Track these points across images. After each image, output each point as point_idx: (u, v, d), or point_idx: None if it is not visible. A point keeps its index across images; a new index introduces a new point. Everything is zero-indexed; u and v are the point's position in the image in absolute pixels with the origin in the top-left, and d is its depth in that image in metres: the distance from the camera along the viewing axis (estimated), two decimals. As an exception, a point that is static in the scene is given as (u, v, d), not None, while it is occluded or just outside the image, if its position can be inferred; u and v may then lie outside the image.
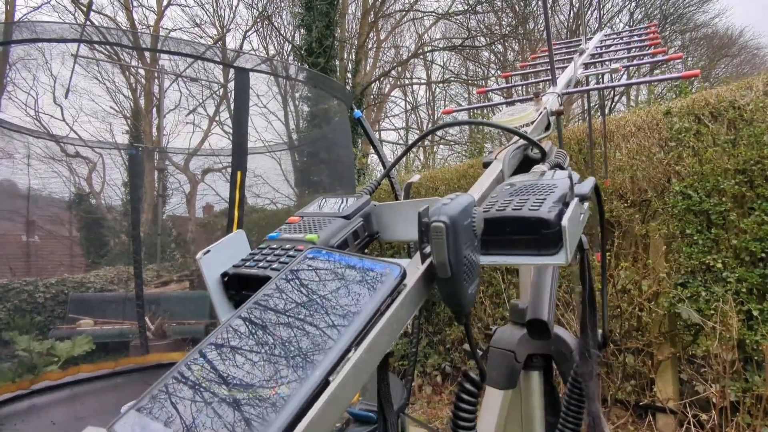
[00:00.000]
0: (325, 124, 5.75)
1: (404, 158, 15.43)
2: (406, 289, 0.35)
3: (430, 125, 16.12)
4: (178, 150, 7.84)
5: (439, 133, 16.11)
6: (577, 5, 12.61)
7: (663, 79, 0.86)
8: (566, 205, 0.40)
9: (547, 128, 0.75)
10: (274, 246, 0.46)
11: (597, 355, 0.54)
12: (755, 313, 2.59)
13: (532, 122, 0.70)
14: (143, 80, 10.29)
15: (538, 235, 0.38)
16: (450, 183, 4.56)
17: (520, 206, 0.40)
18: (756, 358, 2.60)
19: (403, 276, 0.35)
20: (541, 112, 0.73)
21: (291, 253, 0.44)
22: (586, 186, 0.42)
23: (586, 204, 0.43)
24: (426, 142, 15.82)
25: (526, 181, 0.47)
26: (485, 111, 11.28)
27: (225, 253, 0.45)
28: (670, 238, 3.03)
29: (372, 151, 11.92)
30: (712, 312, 2.71)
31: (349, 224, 0.51)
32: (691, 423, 2.84)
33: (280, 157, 6.58)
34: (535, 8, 13.40)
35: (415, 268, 0.40)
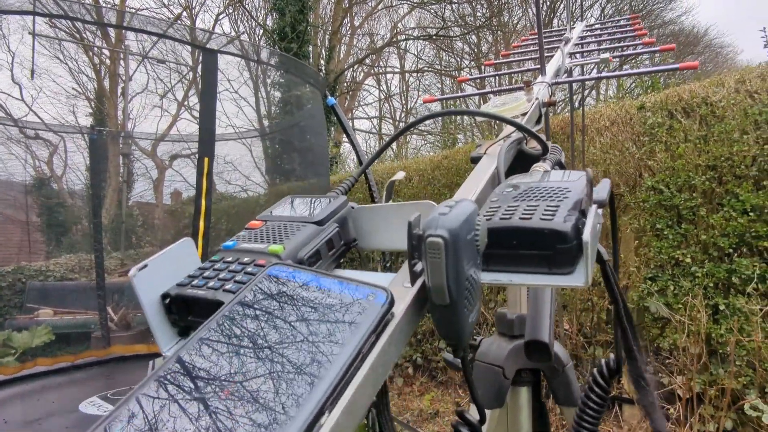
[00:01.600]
0: (298, 111, 5.61)
1: (377, 147, 15.31)
2: (394, 320, 0.28)
3: (403, 115, 16.04)
4: (144, 135, 7.53)
5: (411, 120, 16.02)
6: (551, -2, 12.65)
7: (659, 70, 0.82)
8: (583, 213, 0.33)
9: (539, 120, 0.69)
10: (230, 259, 0.38)
11: (653, 380, 0.47)
12: (721, 307, 2.63)
13: (525, 113, 0.63)
14: (108, 60, 9.85)
15: (552, 250, 0.31)
16: (424, 174, 4.51)
17: (529, 215, 0.33)
18: (721, 351, 2.65)
19: (391, 303, 0.28)
20: (533, 103, 0.67)
21: (249, 269, 0.36)
22: (604, 190, 0.35)
23: (601, 213, 0.36)
24: (399, 132, 15.71)
25: (531, 182, 0.40)
26: (466, 101, 11.27)
27: (168, 268, 0.37)
28: (640, 233, 3.06)
29: (345, 140, 11.79)
30: (680, 306, 2.75)
31: (322, 231, 0.42)
32: (657, 414, 2.88)
33: (251, 144, 6.41)
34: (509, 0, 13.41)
35: (401, 285, 0.33)
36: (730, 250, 2.65)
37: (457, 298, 0.28)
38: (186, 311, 0.35)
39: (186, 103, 10.36)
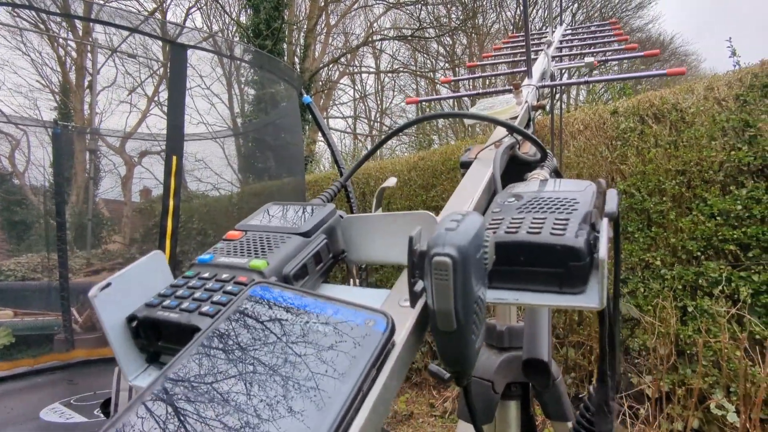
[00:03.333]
0: (272, 109, 5.52)
1: (352, 147, 15.26)
2: (396, 349, 0.25)
3: (378, 115, 16.02)
4: (112, 131, 7.29)
5: (387, 122, 16.06)
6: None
7: (648, 75, 0.82)
8: (593, 227, 0.31)
9: (528, 124, 0.67)
10: (206, 275, 0.34)
11: (616, 409, 0.46)
12: (690, 309, 2.70)
13: (516, 117, 0.61)
14: (74, 53, 9.51)
15: (564, 268, 0.29)
16: (400, 174, 4.49)
17: (537, 229, 0.30)
18: (689, 352, 2.71)
19: (392, 331, 0.25)
20: (523, 106, 0.65)
21: (229, 288, 0.32)
22: (613, 202, 0.33)
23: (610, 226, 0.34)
24: (374, 132, 15.72)
25: (534, 192, 0.37)
26: (449, 102, 11.31)
27: (135, 285, 0.32)
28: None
29: (320, 138, 11.69)
30: (650, 308, 2.80)
31: (309, 243, 0.38)
32: (627, 414, 2.93)
33: (225, 142, 6.28)
34: (484, 2, 13.54)
35: (397, 305, 0.30)
36: (698, 253, 2.71)
37: (464, 323, 0.25)
38: (156, 335, 0.31)
39: (156, 98, 10.10)
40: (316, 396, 0.21)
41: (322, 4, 12.22)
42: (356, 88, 16.01)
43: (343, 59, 13.91)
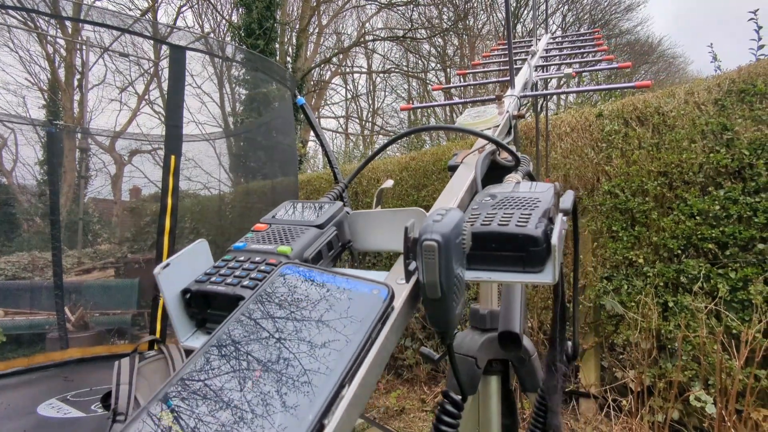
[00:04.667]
0: (264, 109, 5.57)
1: (343, 147, 15.30)
2: (394, 312, 0.33)
3: (370, 115, 16.10)
4: (103, 130, 7.29)
5: (378, 122, 16.13)
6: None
7: (617, 88, 0.89)
8: (551, 220, 0.39)
9: (509, 132, 0.75)
10: (242, 258, 0.42)
11: (563, 369, 0.55)
12: (670, 305, 2.80)
13: (497, 126, 0.69)
14: (63, 52, 9.47)
15: (525, 252, 0.37)
16: (392, 175, 4.57)
17: (506, 221, 0.39)
18: (669, 346, 2.82)
19: (392, 298, 0.33)
20: (504, 116, 0.73)
21: (262, 267, 0.40)
22: (568, 200, 0.41)
23: (566, 220, 0.42)
24: (365, 132, 15.79)
25: (506, 191, 0.46)
26: (436, 109, 11.40)
27: (185, 266, 0.40)
28: (597, 234, 3.21)
29: (310, 138, 11.72)
30: (633, 304, 2.90)
31: (322, 234, 0.47)
32: (611, 407, 3.03)
33: (219, 143, 6.31)
34: (475, 4, 13.66)
35: (395, 282, 0.37)
36: (679, 252, 2.82)
37: (447, 292, 0.33)
38: (205, 305, 0.39)
39: (147, 97, 10.07)
40: (337, 343, 0.29)
41: (314, 4, 12.26)
42: (348, 88, 16.08)
43: (335, 59, 13.97)
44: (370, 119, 15.96)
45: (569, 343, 0.58)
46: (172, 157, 2.75)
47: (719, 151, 2.74)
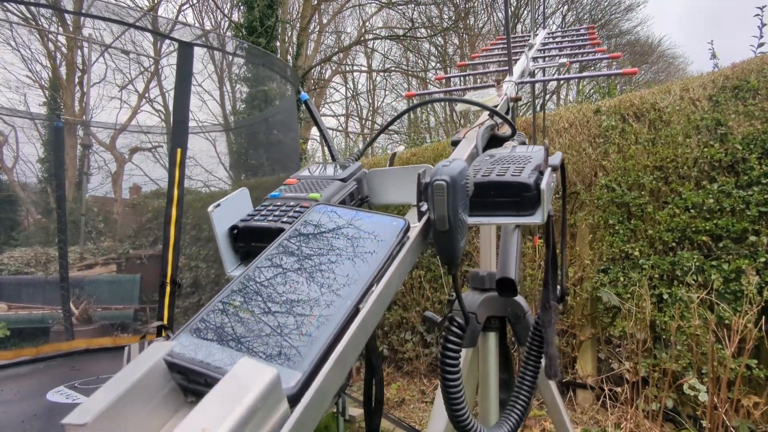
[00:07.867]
0: (266, 105, 5.64)
1: (343, 145, 15.36)
2: (410, 240, 0.39)
3: (370, 113, 16.16)
4: (103, 125, 7.34)
5: (378, 120, 16.20)
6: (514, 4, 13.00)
7: (605, 75, 0.95)
8: (542, 173, 0.46)
9: (507, 112, 0.82)
10: (279, 203, 0.49)
11: (556, 306, 0.62)
12: (665, 296, 2.87)
13: (496, 106, 0.76)
14: (64, 49, 9.52)
15: (520, 197, 0.44)
16: (392, 170, 4.64)
17: (503, 173, 0.45)
18: (664, 336, 2.88)
19: (407, 229, 0.39)
20: (503, 97, 0.79)
21: (298, 209, 0.47)
22: (557, 158, 0.48)
23: (554, 174, 0.49)
24: (365, 130, 15.85)
25: (504, 152, 0.52)
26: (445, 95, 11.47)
27: (232, 208, 0.48)
28: (594, 228, 3.27)
29: (310, 135, 11.79)
30: (629, 296, 2.97)
31: (345, 186, 0.54)
32: (607, 397, 3.10)
33: (215, 138, 6.37)
34: (475, 4, 13.73)
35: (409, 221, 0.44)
36: (674, 244, 2.89)
37: (454, 225, 0.39)
38: (251, 239, 0.46)
39: (147, 95, 10.12)
40: (367, 257, 0.36)
41: (315, 2, 12.32)
42: (348, 86, 16.15)
43: (335, 58, 14.03)
44: (370, 118, 16.04)
45: (559, 288, 0.65)
46: (179, 150, 2.81)
47: (713, 146, 2.81)
